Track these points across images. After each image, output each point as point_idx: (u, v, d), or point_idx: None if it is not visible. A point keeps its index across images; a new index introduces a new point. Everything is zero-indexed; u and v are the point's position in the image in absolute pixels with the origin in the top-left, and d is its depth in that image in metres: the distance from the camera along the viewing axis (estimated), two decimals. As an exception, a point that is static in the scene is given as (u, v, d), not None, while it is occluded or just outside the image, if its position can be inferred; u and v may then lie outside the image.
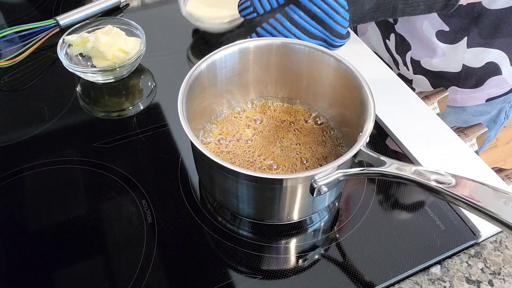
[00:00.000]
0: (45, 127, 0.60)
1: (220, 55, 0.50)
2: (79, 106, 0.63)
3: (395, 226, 0.49)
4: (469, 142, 0.60)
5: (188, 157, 0.56)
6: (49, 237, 0.49)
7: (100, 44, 0.62)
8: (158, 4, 0.83)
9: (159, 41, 0.73)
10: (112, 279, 0.45)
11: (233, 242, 0.48)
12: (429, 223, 0.50)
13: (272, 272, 0.46)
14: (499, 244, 0.48)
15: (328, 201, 0.49)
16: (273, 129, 0.54)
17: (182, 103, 0.45)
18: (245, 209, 0.47)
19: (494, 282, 0.45)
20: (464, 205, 0.37)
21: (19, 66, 0.69)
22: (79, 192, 0.53)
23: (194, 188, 0.53)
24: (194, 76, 0.48)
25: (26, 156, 0.57)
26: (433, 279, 0.46)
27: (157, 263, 0.46)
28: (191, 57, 0.71)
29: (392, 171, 0.41)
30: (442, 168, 0.40)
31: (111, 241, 0.48)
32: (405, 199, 0.52)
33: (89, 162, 0.56)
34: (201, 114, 0.52)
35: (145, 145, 0.58)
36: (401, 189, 0.53)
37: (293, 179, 0.42)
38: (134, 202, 0.51)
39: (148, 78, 0.68)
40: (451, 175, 0.38)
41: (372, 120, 0.43)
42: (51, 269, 0.46)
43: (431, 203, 0.51)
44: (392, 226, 0.49)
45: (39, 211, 0.51)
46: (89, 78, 0.64)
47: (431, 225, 0.49)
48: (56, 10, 0.79)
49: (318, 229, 0.50)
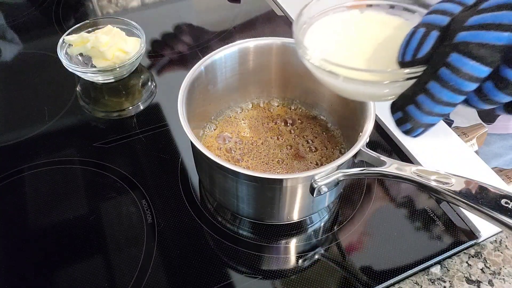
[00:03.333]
0: (45, 127, 0.60)
1: (220, 55, 0.50)
2: (79, 106, 0.63)
3: (395, 226, 0.49)
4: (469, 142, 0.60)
5: (188, 157, 0.56)
6: (49, 237, 0.49)
7: (100, 44, 0.62)
8: (158, 4, 0.83)
9: (159, 41, 0.73)
10: (112, 279, 0.45)
11: (233, 242, 0.48)
12: (429, 223, 0.50)
13: (272, 272, 0.46)
14: (499, 244, 0.48)
15: (328, 201, 0.49)
16: (273, 129, 0.54)
17: (182, 103, 0.45)
18: (245, 209, 0.47)
19: (494, 282, 0.45)
20: (464, 205, 0.37)
21: (19, 66, 0.69)
22: (79, 192, 0.53)
23: (194, 188, 0.53)
24: (194, 76, 0.48)
25: (26, 156, 0.57)
26: (433, 279, 0.46)
27: (157, 263, 0.46)
28: (191, 57, 0.71)
29: (392, 171, 0.41)
30: (442, 168, 0.40)
31: (111, 241, 0.48)
32: (405, 199, 0.52)
33: (89, 162, 0.56)
34: (201, 114, 0.52)
35: (145, 145, 0.58)
36: (401, 189, 0.53)
37: (293, 179, 0.42)
38: (134, 202, 0.51)
39: (148, 78, 0.68)
40: (451, 175, 0.38)
41: (372, 120, 0.43)
42: (51, 269, 0.46)
43: (431, 203, 0.51)
44: (392, 226, 0.49)
45: (39, 211, 0.51)
46: (89, 78, 0.64)
47: (431, 225, 0.49)
48: (56, 10, 0.79)
49: (318, 229, 0.50)
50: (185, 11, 0.81)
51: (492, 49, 0.24)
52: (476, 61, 0.24)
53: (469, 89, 0.25)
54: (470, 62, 0.24)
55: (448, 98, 0.26)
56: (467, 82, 0.25)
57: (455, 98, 0.26)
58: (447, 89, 0.26)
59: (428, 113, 0.27)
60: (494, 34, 0.24)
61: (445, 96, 0.26)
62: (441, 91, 0.26)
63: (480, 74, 0.25)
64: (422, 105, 0.27)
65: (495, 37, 0.24)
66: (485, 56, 0.24)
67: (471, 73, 0.25)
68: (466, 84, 0.25)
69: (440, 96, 0.26)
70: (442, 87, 0.26)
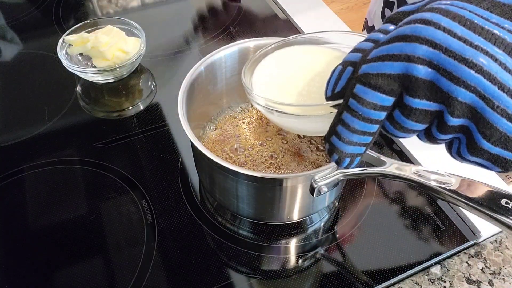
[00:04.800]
0: (45, 127, 0.60)
1: (220, 55, 0.50)
2: (79, 106, 0.63)
3: (395, 226, 0.49)
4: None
5: (188, 157, 0.56)
6: (49, 237, 0.49)
7: (100, 44, 0.62)
8: (158, 4, 0.83)
9: (159, 41, 0.73)
10: (112, 279, 0.45)
11: (233, 242, 0.48)
12: (429, 223, 0.50)
13: (272, 272, 0.46)
14: (499, 244, 0.48)
15: (328, 201, 0.49)
16: (273, 129, 0.54)
17: (182, 103, 0.45)
18: (245, 209, 0.47)
19: (494, 282, 0.45)
20: (464, 205, 0.37)
21: (19, 66, 0.69)
22: (79, 192, 0.53)
23: (194, 188, 0.53)
24: (194, 76, 0.48)
25: (26, 156, 0.57)
26: (433, 279, 0.46)
27: (157, 263, 0.46)
28: (191, 57, 0.71)
29: (392, 171, 0.41)
30: (442, 168, 0.40)
31: (111, 241, 0.48)
32: (405, 199, 0.52)
33: (89, 162, 0.56)
34: (201, 114, 0.52)
35: (145, 145, 0.58)
36: (401, 189, 0.53)
37: (293, 179, 0.42)
38: (134, 202, 0.51)
39: (148, 78, 0.68)
40: (451, 175, 0.38)
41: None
42: (51, 269, 0.46)
43: (431, 203, 0.51)
44: (392, 226, 0.49)
45: (39, 211, 0.51)
46: (89, 78, 0.64)
47: (431, 225, 0.49)
48: (56, 10, 0.79)
49: (318, 229, 0.50)
50: (185, 11, 0.81)
51: (388, 78, 0.25)
52: (376, 90, 0.26)
53: (378, 117, 0.27)
54: (371, 91, 0.26)
55: (361, 127, 0.27)
56: (373, 111, 0.26)
57: (368, 127, 0.27)
58: (357, 118, 0.27)
59: (348, 143, 0.28)
60: (388, 64, 0.25)
61: (357, 125, 0.27)
62: (353, 121, 0.27)
63: (383, 102, 0.26)
64: (341, 135, 0.28)
65: (389, 66, 0.25)
66: (382, 85, 0.25)
67: (375, 102, 0.26)
68: (372, 113, 0.26)
69: (353, 126, 0.27)
70: (353, 117, 0.27)
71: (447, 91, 0.24)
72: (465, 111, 0.24)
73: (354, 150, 0.29)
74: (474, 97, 0.23)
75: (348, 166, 0.30)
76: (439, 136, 0.27)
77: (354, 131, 0.28)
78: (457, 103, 0.24)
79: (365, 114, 0.27)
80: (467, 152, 0.26)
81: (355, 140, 0.28)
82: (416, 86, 0.24)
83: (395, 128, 0.28)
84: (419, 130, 0.27)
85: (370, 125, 0.27)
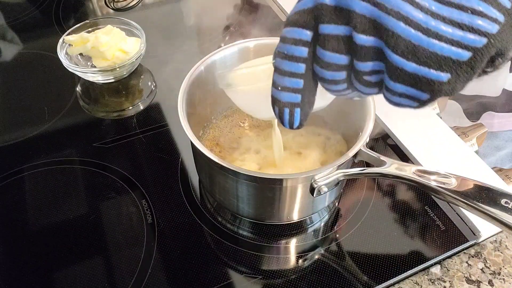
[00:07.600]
0: (45, 127, 0.60)
1: (220, 55, 0.50)
2: (79, 106, 0.63)
3: (395, 226, 0.49)
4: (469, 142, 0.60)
5: (188, 157, 0.56)
6: (49, 237, 0.49)
7: (100, 44, 0.62)
8: (158, 4, 0.83)
9: (159, 41, 0.73)
10: (112, 279, 0.45)
11: (233, 242, 0.48)
12: (429, 223, 0.50)
13: (272, 272, 0.46)
14: (499, 244, 0.48)
15: (328, 201, 0.49)
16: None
17: (182, 103, 0.45)
18: (245, 209, 0.47)
19: (494, 282, 0.45)
20: (464, 205, 0.37)
21: (19, 66, 0.69)
22: (79, 192, 0.53)
23: (194, 188, 0.53)
24: (194, 76, 0.48)
25: (26, 156, 0.57)
26: (433, 279, 0.46)
27: (157, 263, 0.46)
28: (191, 57, 0.71)
29: (392, 171, 0.41)
30: (442, 168, 0.40)
31: (111, 241, 0.48)
32: (405, 199, 0.52)
33: (89, 162, 0.56)
34: (201, 114, 0.52)
35: (145, 145, 0.58)
36: (401, 189, 0.53)
37: (293, 179, 0.42)
38: (134, 202, 0.51)
39: (148, 78, 0.68)
40: (451, 175, 0.38)
41: (372, 120, 0.43)
42: (51, 269, 0.46)
43: (431, 203, 0.51)
44: (392, 226, 0.49)
45: (39, 211, 0.51)
46: (89, 78, 0.64)
47: (431, 225, 0.49)
48: (56, 10, 0.79)
49: (318, 229, 0.50)
50: (185, 11, 0.81)
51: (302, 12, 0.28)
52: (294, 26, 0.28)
53: (300, 54, 0.28)
54: (290, 28, 0.28)
55: (289, 67, 0.29)
56: (294, 46, 0.28)
57: (294, 66, 0.29)
58: (284, 58, 0.29)
59: (283, 89, 0.30)
60: (302, 2, 0.28)
61: (285, 66, 0.29)
62: (281, 62, 0.29)
63: (301, 36, 0.28)
64: (275, 82, 0.30)
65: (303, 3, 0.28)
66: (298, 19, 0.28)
67: (294, 37, 0.28)
68: (294, 48, 0.28)
69: (282, 67, 0.29)
70: (281, 59, 0.29)
71: (347, 8, 0.26)
72: (367, 25, 0.25)
73: (290, 98, 0.30)
74: (368, 6, 0.25)
75: (291, 121, 0.31)
76: (361, 66, 0.27)
77: (283, 73, 0.29)
78: (357, 16, 0.25)
79: (289, 52, 0.28)
80: (389, 79, 0.26)
81: (287, 84, 0.29)
82: (325, 13, 0.27)
83: (321, 68, 0.28)
84: (343, 65, 0.28)
85: (296, 64, 0.29)
